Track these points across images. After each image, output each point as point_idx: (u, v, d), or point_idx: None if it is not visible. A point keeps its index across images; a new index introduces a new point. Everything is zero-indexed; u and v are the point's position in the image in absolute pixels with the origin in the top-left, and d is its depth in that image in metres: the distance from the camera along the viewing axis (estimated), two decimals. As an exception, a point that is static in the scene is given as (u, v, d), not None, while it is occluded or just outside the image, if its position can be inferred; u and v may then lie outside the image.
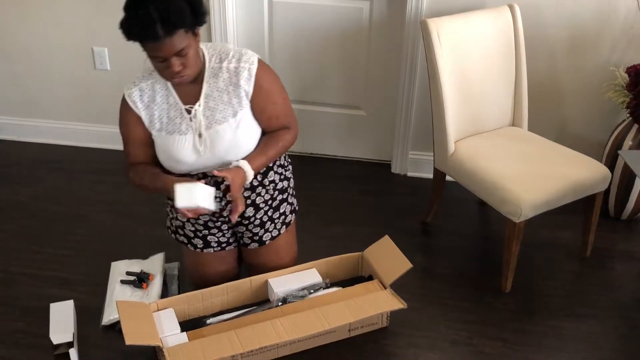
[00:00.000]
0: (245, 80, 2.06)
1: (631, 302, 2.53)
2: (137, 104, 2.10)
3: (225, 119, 2.07)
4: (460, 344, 2.32)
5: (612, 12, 2.85)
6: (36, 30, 3.29)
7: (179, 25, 1.87)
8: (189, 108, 2.08)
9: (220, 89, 2.07)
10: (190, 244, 2.32)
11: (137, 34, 1.88)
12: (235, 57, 2.07)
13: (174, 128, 2.09)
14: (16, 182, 3.22)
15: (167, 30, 1.85)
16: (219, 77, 2.07)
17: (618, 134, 2.86)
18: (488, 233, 2.95)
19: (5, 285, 2.54)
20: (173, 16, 1.85)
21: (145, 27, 1.85)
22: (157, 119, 2.10)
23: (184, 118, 2.08)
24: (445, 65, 2.58)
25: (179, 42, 1.89)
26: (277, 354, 2.22)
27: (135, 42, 1.92)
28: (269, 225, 2.32)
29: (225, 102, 2.08)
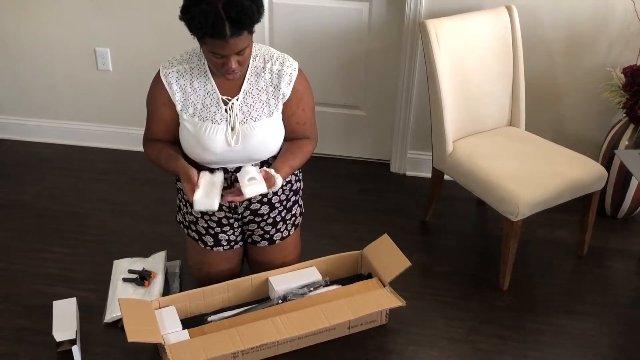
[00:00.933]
0: (285, 83, 2.09)
1: (627, 299, 2.53)
2: (172, 85, 2.07)
3: (261, 117, 2.09)
4: (458, 341, 2.32)
5: (608, 13, 2.85)
6: (39, 31, 3.29)
7: (247, 26, 1.87)
8: (227, 99, 2.08)
9: (260, 88, 2.09)
10: (201, 240, 2.31)
11: (203, 30, 1.84)
12: (279, 60, 2.09)
13: (208, 115, 2.08)
14: (19, 181, 3.22)
15: (234, 31, 1.84)
16: (261, 76, 2.09)
17: (614, 134, 2.86)
18: (486, 232, 2.95)
19: (8, 283, 2.54)
20: (243, 17, 1.83)
21: (214, 25, 1.81)
22: (192, 104, 2.08)
23: (219, 108, 2.08)
24: (443, 66, 2.58)
25: (242, 42, 1.89)
26: (278, 351, 2.22)
27: (195, 34, 1.89)
28: (281, 225, 2.33)
29: (263, 102, 2.09)
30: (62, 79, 3.41)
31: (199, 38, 1.91)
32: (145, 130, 2.22)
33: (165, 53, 3.18)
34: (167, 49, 3.19)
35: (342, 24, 3.10)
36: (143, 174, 3.26)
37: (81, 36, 3.27)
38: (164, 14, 3.14)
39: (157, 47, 3.22)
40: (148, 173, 3.24)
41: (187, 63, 2.08)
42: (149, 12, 3.16)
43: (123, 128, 3.48)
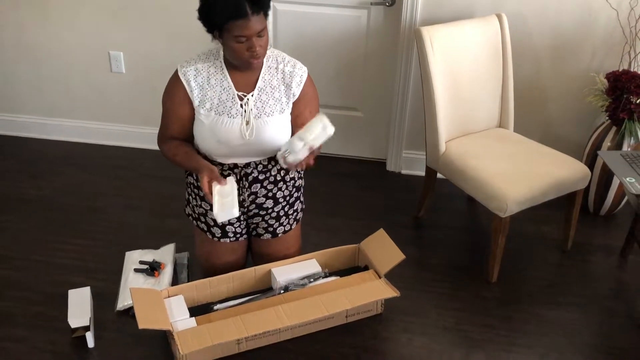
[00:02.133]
0: (296, 84, 2.12)
1: (609, 292, 2.52)
2: (190, 82, 2.07)
3: (273, 113, 2.10)
4: (449, 330, 2.31)
5: (592, 21, 2.84)
6: (58, 37, 3.28)
7: (264, 7, 1.92)
8: (242, 95, 2.08)
9: (273, 86, 2.10)
10: (209, 231, 2.30)
11: (227, 13, 1.87)
12: (290, 63, 2.13)
13: (224, 110, 2.08)
14: (39, 177, 3.21)
15: (254, 10, 1.88)
16: (274, 75, 2.11)
17: (597, 136, 2.85)
18: (476, 227, 2.94)
19: (27, 272, 2.54)
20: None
21: (236, 5, 1.86)
22: (209, 99, 2.08)
23: (235, 103, 2.08)
24: (437, 70, 2.56)
25: (261, 23, 1.92)
26: (279, 338, 2.21)
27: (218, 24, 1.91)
28: (284, 219, 2.32)
29: (276, 99, 2.11)
30: (78, 81, 3.40)
31: (222, 26, 1.91)
32: (160, 128, 2.19)
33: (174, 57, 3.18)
34: (176, 53, 3.19)
35: (341, 30, 3.09)
36: (154, 170, 3.25)
37: (96, 41, 3.26)
38: (174, 21, 3.13)
39: (167, 51, 3.21)
40: (159, 170, 3.23)
41: (204, 62, 2.09)
42: (160, 18, 3.15)
43: (136, 127, 3.47)
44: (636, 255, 2.69)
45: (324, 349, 2.20)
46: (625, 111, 2.70)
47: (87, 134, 3.53)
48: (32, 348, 2.18)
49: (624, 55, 2.83)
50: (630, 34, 2.78)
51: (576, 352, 2.23)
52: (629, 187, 2.03)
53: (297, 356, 2.17)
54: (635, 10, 2.74)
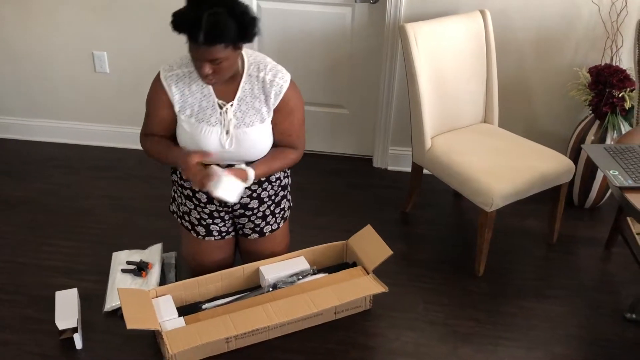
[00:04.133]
0: (275, 94, 2.06)
1: (594, 284, 2.55)
2: (171, 87, 2.05)
3: (253, 123, 2.07)
4: (437, 324, 2.33)
5: (575, 16, 2.87)
6: (40, 36, 3.25)
7: (218, 41, 1.84)
8: (222, 103, 2.06)
9: (253, 95, 2.07)
10: (193, 230, 2.30)
11: (181, 27, 1.85)
12: (272, 71, 2.07)
13: (204, 117, 2.06)
14: (23, 179, 3.19)
15: (207, 41, 1.82)
16: (255, 84, 2.06)
17: (581, 130, 2.88)
18: (462, 222, 2.96)
19: (13, 275, 2.52)
20: (217, 32, 1.81)
21: (191, 29, 1.82)
22: (189, 106, 2.06)
23: (214, 111, 2.06)
24: (422, 67, 2.58)
25: (214, 54, 1.86)
26: (268, 335, 2.22)
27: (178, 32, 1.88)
28: (271, 219, 2.32)
29: (256, 109, 2.07)
30: (62, 81, 3.38)
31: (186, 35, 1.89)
32: (143, 126, 2.18)
33: (159, 56, 3.18)
34: (161, 52, 3.18)
35: (326, 28, 3.10)
36: (140, 170, 3.24)
37: (80, 40, 3.24)
38: (159, 20, 3.12)
39: (152, 51, 3.20)
40: (145, 170, 3.22)
41: (185, 67, 2.06)
42: (144, 17, 3.14)
43: (120, 127, 3.45)
44: (620, 247, 2.73)
45: (313, 345, 2.21)
46: (608, 105, 2.74)
47: (71, 135, 3.51)
48: (19, 351, 2.17)
49: (606, 50, 2.87)
50: (612, 28, 2.82)
51: (562, 344, 2.26)
52: (613, 180, 2.05)
53: (286, 354, 2.18)
54: (617, 5, 2.78)
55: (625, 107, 2.73)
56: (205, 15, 1.79)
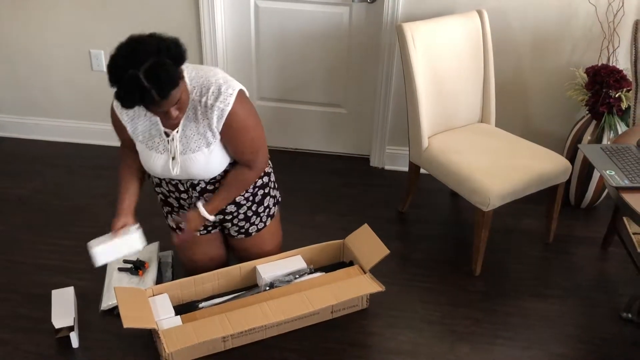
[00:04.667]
0: (216, 118, 1.99)
1: (590, 283, 2.56)
2: (123, 116, 2.07)
3: (199, 148, 2.04)
4: (434, 323, 2.33)
5: (572, 17, 2.87)
6: (37, 34, 3.25)
7: (172, 88, 1.81)
8: (168, 132, 2.05)
9: (197, 121, 2.02)
10: (178, 228, 2.30)
11: (136, 102, 1.80)
12: (214, 94, 1.98)
13: (153, 145, 2.07)
14: (19, 177, 3.18)
15: (162, 95, 1.79)
16: (197, 110, 2.01)
17: (578, 129, 2.88)
18: (459, 221, 2.97)
19: (9, 274, 2.52)
20: (166, 83, 1.78)
21: (142, 98, 1.78)
22: (140, 132, 2.08)
23: (162, 139, 2.06)
24: (419, 66, 2.58)
25: (174, 97, 1.85)
26: (265, 334, 2.22)
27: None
28: (255, 219, 2.31)
29: (201, 134, 2.03)
30: (59, 80, 3.37)
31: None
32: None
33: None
34: (158, 51, 3.17)
35: (324, 27, 3.10)
36: (137, 169, 3.24)
37: (77, 39, 3.24)
38: (155, 17, 3.12)
39: (149, 49, 3.20)
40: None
41: None
42: (141, 15, 3.13)
43: (117, 126, 3.45)
44: (617, 246, 2.74)
45: (310, 344, 2.22)
46: (605, 105, 2.74)
47: (67, 133, 3.51)
48: (15, 350, 2.17)
49: (602, 50, 2.88)
50: (609, 29, 2.82)
51: (559, 343, 2.26)
52: (609, 180, 2.06)
53: (283, 352, 2.18)
54: (613, 6, 2.78)
55: (622, 107, 2.74)
56: (144, 77, 1.74)
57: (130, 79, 1.74)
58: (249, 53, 3.20)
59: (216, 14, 3.05)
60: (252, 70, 3.26)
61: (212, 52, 3.14)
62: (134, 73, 1.73)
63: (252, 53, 3.21)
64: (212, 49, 3.13)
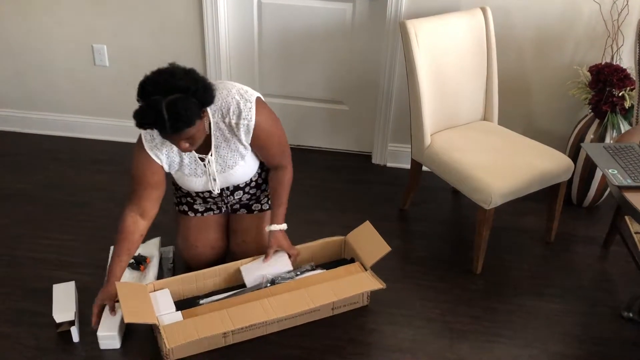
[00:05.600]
0: (244, 134, 2.14)
1: (591, 282, 2.56)
2: (158, 155, 2.15)
3: (236, 163, 2.22)
4: (434, 321, 2.33)
5: (575, 15, 2.86)
6: (39, 29, 3.25)
7: (186, 127, 1.90)
8: (202, 157, 2.19)
9: (227, 140, 2.17)
10: (191, 210, 2.42)
11: (148, 125, 1.89)
12: (235, 113, 2.11)
13: (190, 172, 2.22)
14: (21, 171, 3.19)
15: (174, 130, 1.89)
16: (224, 130, 2.15)
17: (581, 128, 2.88)
18: (460, 219, 2.96)
19: (11, 268, 2.52)
20: (182, 120, 1.87)
21: (155, 123, 1.87)
22: (177, 164, 2.21)
23: (198, 164, 2.21)
24: (422, 64, 2.57)
25: (186, 135, 1.95)
26: (266, 331, 2.22)
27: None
28: (261, 198, 2.46)
29: (233, 150, 2.20)
30: (61, 74, 3.37)
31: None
32: (131, 193, 2.21)
33: (159, 49, 3.17)
34: (161, 45, 3.17)
35: (326, 24, 3.09)
36: (139, 164, 3.24)
37: (79, 33, 3.23)
38: (158, 13, 3.12)
39: (151, 44, 3.20)
40: (143, 164, 3.22)
41: None
42: (144, 10, 3.13)
43: (119, 121, 3.45)
44: (618, 246, 2.73)
45: (310, 341, 2.22)
46: (608, 104, 2.74)
47: (70, 128, 3.51)
48: (16, 344, 2.17)
49: (606, 49, 2.87)
50: (613, 27, 2.81)
51: (559, 342, 2.26)
52: (612, 179, 2.05)
53: (283, 349, 2.19)
54: (618, 4, 2.77)
55: (625, 106, 2.73)
56: (165, 107, 1.83)
57: (152, 103, 1.85)
58: (251, 49, 3.20)
59: (219, 9, 3.04)
60: (255, 67, 3.26)
61: (215, 48, 3.13)
62: (158, 99, 1.84)
63: (254, 49, 3.20)
64: (214, 45, 3.13)
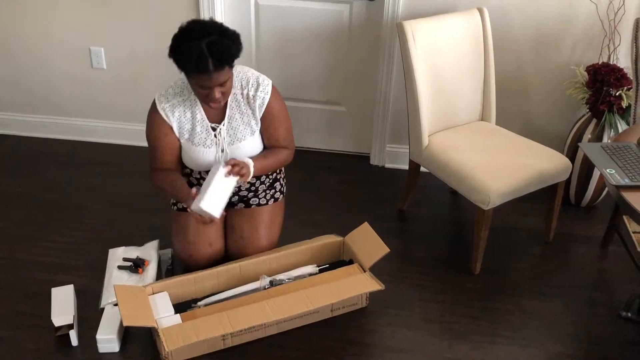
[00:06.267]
0: (259, 107, 2.23)
1: (590, 282, 2.56)
2: (169, 117, 2.20)
3: (245, 137, 2.26)
4: (433, 322, 2.33)
5: (573, 15, 2.87)
6: (37, 32, 3.24)
7: (228, 62, 2.02)
8: (214, 126, 2.23)
9: (241, 112, 2.24)
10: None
11: (190, 67, 1.99)
12: (254, 86, 2.22)
13: (200, 141, 2.24)
14: (20, 174, 3.18)
15: (217, 66, 1.98)
16: (240, 102, 2.23)
17: (578, 128, 2.88)
18: (459, 219, 2.96)
19: (9, 271, 2.52)
20: (224, 54, 1.99)
21: (199, 62, 1.96)
22: (187, 131, 2.24)
23: (209, 134, 2.24)
24: (419, 64, 2.58)
25: (224, 76, 2.03)
26: (265, 333, 2.22)
27: (184, 72, 2.04)
28: (260, 193, 2.44)
29: (245, 123, 2.25)
30: (59, 77, 3.37)
31: (187, 73, 2.04)
32: (151, 162, 2.30)
33: (156, 52, 3.17)
34: (158, 48, 3.17)
35: (324, 25, 3.09)
36: (137, 167, 3.24)
37: (77, 36, 3.23)
38: (155, 15, 3.11)
39: (148, 46, 3.19)
40: (141, 166, 3.21)
41: (179, 96, 2.21)
42: (141, 13, 3.13)
43: (117, 123, 3.45)
44: (617, 245, 2.74)
45: (309, 343, 2.22)
46: (605, 103, 2.74)
47: (67, 131, 3.51)
48: (15, 347, 2.17)
49: (603, 48, 2.87)
50: (610, 27, 2.82)
51: (558, 342, 2.26)
52: (609, 179, 2.06)
53: (282, 351, 2.18)
54: (614, 4, 2.78)
55: (622, 105, 2.74)
56: (207, 45, 1.95)
57: (192, 46, 1.95)
58: (249, 51, 3.20)
59: (216, 11, 3.04)
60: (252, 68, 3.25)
61: (212, 49, 3.13)
62: (198, 43, 1.95)
63: (252, 51, 3.20)
64: (212, 46, 3.12)
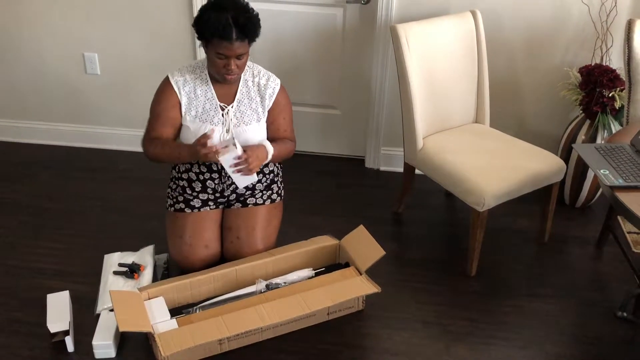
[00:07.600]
0: (269, 95, 2.34)
1: (586, 282, 2.57)
2: (180, 90, 2.28)
3: (251, 122, 2.33)
4: (429, 324, 2.34)
5: (565, 17, 2.88)
6: (30, 37, 3.24)
7: (248, 36, 2.13)
8: (223, 106, 2.30)
9: (250, 97, 2.33)
10: (188, 206, 2.42)
11: (215, 32, 2.08)
12: (265, 76, 2.35)
13: (207, 118, 2.31)
14: (13, 181, 3.17)
15: (239, 37, 2.11)
16: (251, 88, 2.33)
17: (572, 129, 2.89)
18: (454, 222, 2.97)
19: (4, 278, 2.51)
20: (247, 28, 2.11)
21: (224, 28, 2.07)
22: (194, 107, 2.30)
23: (217, 112, 2.31)
24: (413, 67, 2.58)
25: (243, 48, 2.15)
26: (262, 337, 2.22)
27: (205, 36, 2.12)
28: (257, 193, 2.46)
29: (253, 109, 2.33)
30: (52, 83, 3.36)
31: (208, 40, 2.13)
32: (147, 130, 2.34)
33: (150, 57, 3.17)
34: (152, 53, 3.17)
35: (318, 28, 3.10)
36: (131, 172, 3.23)
37: (70, 42, 3.23)
38: (149, 21, 3.11)
39: (142, 52, 3.19)
40: (136, 171, 3.21)
41: (192, 73, 2.30)
42: (135, 19, 3.13)
43: (111, 129, 3.44)
44: (611, 246, 2.75)
45: (306, 346, 2.22)
46: (599, 105, 2.75)
47: (62, 137, 3.50)
48: (10, 354, 2.16)
49: (596, 50, 2.89)
50: (602, 28, 2.83)
51: (555, 342, 2.27)
52: (603, 179, 2.06)
53: (279, 354, 2.18)
54: (606, 5, 2.79)
55: (616, 106, 2.75)
56: (232, 16, 2.08)
57: (220, 15, 2.08)
58: (243, 55, 3.20)
59: (210, 16, 3.04)
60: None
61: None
62: (225, 13, 2.08)
63: (246, 55, 3.20)
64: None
